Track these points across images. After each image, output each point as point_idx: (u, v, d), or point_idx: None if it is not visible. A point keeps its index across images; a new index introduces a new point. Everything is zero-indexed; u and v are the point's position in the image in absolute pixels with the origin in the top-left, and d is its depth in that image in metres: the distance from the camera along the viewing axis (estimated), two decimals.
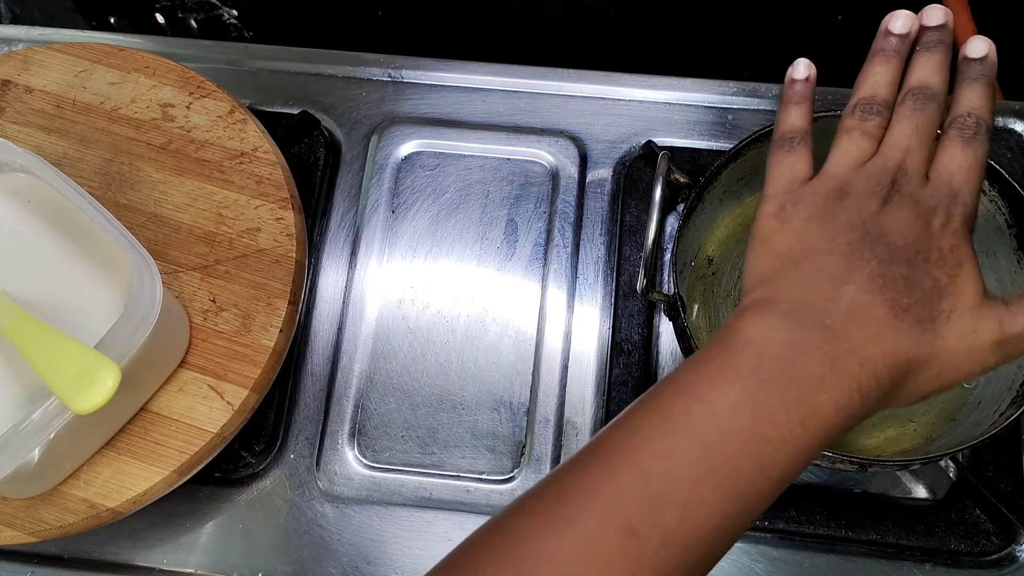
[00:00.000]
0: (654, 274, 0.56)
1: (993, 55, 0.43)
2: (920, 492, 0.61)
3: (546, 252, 0.68)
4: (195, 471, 0.57)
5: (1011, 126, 0.71)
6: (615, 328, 0.65)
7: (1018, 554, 0.59)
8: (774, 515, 0.60)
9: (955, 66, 0.44)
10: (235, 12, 0.87)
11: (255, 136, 0.65)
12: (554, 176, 0.71)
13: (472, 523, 0.61)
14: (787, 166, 0.44)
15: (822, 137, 0.60)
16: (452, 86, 0.74)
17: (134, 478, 0.55)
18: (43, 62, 0.68)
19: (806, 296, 0.38)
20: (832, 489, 0.61)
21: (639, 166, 0.70)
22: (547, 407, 0.64)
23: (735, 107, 0.72)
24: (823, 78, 0.73)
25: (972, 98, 0.42)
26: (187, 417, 0.57)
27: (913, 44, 0.45)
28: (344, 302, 0.67)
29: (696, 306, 0.62)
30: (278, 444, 0.64)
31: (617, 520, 0.34)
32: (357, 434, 0.64)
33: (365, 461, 0.63)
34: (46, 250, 0.59)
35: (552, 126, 0.72)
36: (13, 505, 0.55)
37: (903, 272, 0.38)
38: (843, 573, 0.59)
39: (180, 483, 0.57)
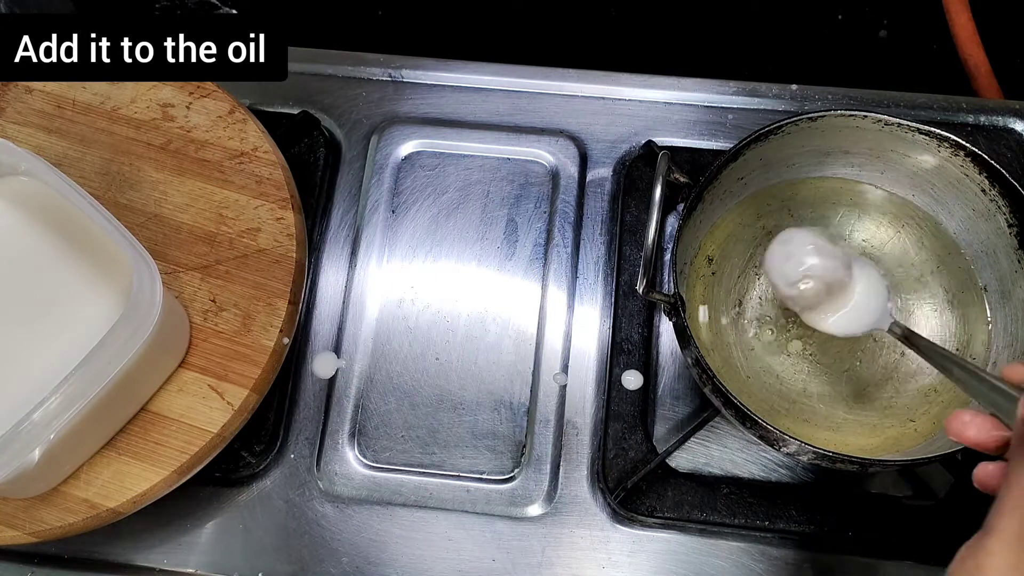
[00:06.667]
0: (654, 274, 0.56)
1: None
2: (920, 492, 0.61)
3: (546, 252, 0.68)
4: (195, 471, 0.57)
5: (1011, 126, 0.71)
6: (615, 328, 0.65)
7: None
8: (774, 515, 0.60)
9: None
10: (235, 12, 0.87)
11: (255, 136, 0.65)
12: (554, 176, 0.71)
13: (472, 523, 0.61)
14: None
15: (822, 135, 0.61)
16: (452, 86, 0.74)
17: (134, 478, 0.55)
18: None
19: None
20: (832, 489, 0.61)
21: (639, 166, 0.70)
22: (547, 407, 0.64)
23: (735, 107, 0.72)
24: (823, 78, 0.74)
25: None
26: (187, 417, 0.57)
27: None
28: (344, 302, 0.67)
29: (696, 306, 0.62)
30: (278, 444, 0.64)
31: None
32: (357, 434, 0.64)
33: (365, 461, 0.63)
34: (46, 251, 0.58)
35: (552, 126, 0.72)
36: (13, 505, 0.55)
37: None
38: (843, 573, 0.59)
39: (180, 483, 0.57)
